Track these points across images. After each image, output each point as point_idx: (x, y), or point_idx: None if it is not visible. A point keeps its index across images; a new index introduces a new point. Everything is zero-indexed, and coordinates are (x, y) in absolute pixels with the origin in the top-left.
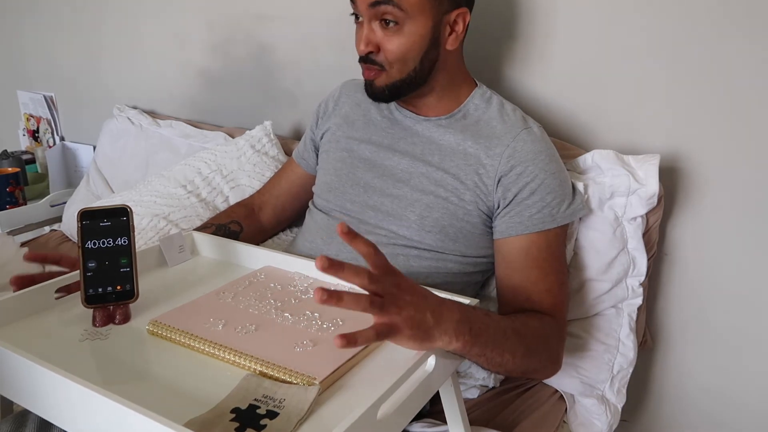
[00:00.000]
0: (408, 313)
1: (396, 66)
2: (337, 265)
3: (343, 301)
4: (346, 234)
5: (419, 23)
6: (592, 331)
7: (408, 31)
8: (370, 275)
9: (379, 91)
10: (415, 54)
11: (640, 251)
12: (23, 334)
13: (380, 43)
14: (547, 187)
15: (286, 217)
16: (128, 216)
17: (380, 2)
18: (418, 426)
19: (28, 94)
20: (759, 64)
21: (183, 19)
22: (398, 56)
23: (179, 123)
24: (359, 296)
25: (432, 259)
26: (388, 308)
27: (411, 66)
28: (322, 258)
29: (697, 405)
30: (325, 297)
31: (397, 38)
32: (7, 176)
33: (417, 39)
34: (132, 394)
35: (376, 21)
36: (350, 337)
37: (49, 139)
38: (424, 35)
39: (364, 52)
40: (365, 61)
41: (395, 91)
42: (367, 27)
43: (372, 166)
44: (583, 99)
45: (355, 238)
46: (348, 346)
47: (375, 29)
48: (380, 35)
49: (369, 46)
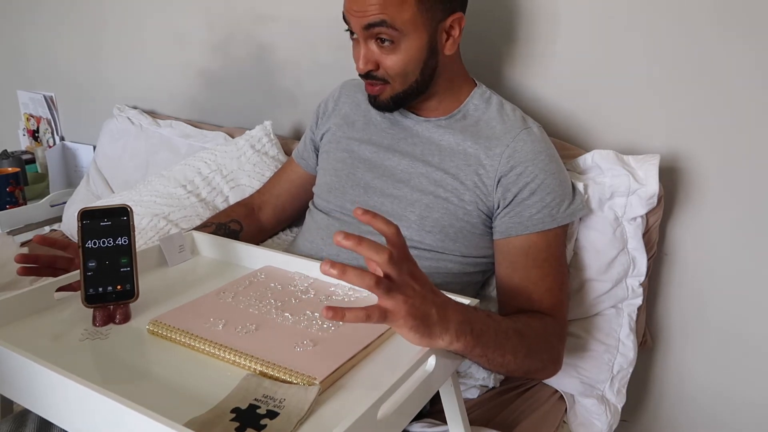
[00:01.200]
0: (414, 303)
1: (398, 80)
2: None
3: (347, 274)
4: (363, 215)
5: (414, 38)
6: (592, 331)
7: (405, 47)
8: (390, 254)
9: (384, 104)
10: (414, 67)
11: (640, 251)
12: (23, 334)
13: (378, 60)
14: (547, 187)
15: (286, 216)
16: (128, 216)
17: (373, 24)
18: (418, 426)
19: (28, 94)
20: (759, 64)
21: (183, 19)
22: (398, 71)
23: (179, 123)
24: (364, 272)
25: (432, 260)
26: (394, 293)
27: (412, 78)
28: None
29: (697, 405)
30: (328, 267)
31: (395, 55)
32: (7, 176)
33: (414, 53)
34: (132, 394)
35: (372, 40)
36: (338, 310)
37: (49, 139)
38: (421, 48)
39: (364, 71)
40: (367, 77)
41: (399, 102)
42: (364, 47)
43: (372, 166)
44: (583, 99)
45: (375, 217)
46: (335, 318)
47: (372, 48)
48: (377, 53)
49: (368, 65)
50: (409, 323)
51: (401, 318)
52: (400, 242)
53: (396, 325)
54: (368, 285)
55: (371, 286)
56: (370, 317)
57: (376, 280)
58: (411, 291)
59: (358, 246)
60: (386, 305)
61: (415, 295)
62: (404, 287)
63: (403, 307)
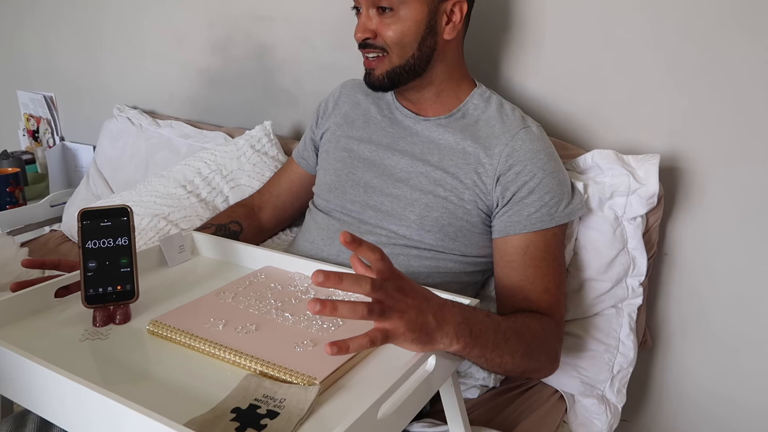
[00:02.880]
0: (410, 317)
1: (395, 51)
2: (334, 277)
3: (338, 310)
4: (350, 243)
5: (414, 8)
6: (592, 330)
7: (404, 15)
8: (372, 283)
9: (378, 79)
10: (411, 39)
11: (640, 251)
12: (23, 334)
13: (377, 29)
14: (546, 186)
15: (287, 216)
16: (128, 216)
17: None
18: (418, 426)
19: (28, 94)
20: (759, 63)
21: (183, 19)
22: (395, 40)
23: (179, 123)
24: (355, 304)
25: (432, 259)
26: (390, 314)
27: (409, 52)
28: (317, 273)
29: (696, 404)
30: (319, 308)
31: (393, 23)
32: (7, 176)
33: (412, 24)
34: (132, 394)
35: (373, 8)
36: (342, 345)
37: (49, 139)
38: (420, 21)
39: (362, 39)
40: (364, 46)
41: (394, 78)
42: (365, 14)
43: (371, 165)
44: (583, 99)
45: (360, 245)
46: (340, 353)
47: (372, 16)
48: (377, 21)
49: (366, 32)
50: (409, 337)
51: (401, 335)
52: (384, 266)
53: (398, 342)
54: (361, 316)
55: (364, 316)
56: (373, 342)
57: (368, 309)
58: (404, 306)
59: (340, 284)
60: (384, 326)
61: (409, 308)
62: (396, 305)
63: (400, 324)
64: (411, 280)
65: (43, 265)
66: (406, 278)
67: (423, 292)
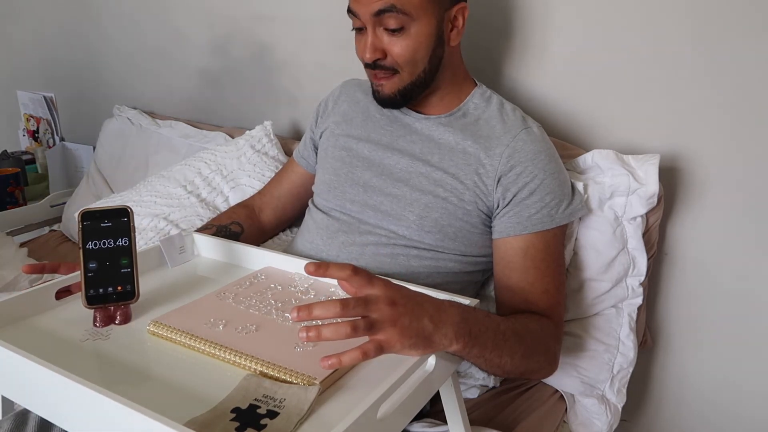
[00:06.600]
0: (403, 324)
1: (407, 68)
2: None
3: (322, 335)
4: (315, 272)
5: (424, 23)
6: (592, 330)
7: (414, 32)
8: (342, 304)
9: (390, 97)
10: (423, 54)
11: (640, 251)
12: (24, 335)
13: (386, 48)
14: (547, 187)
15: (288, 217)
16: (129, 217)
17: (383, 10)
18: (418, 426)
19: (28, 94)
20: (759, 63)
21: (183, 19)
22: (407, 59)
23: (179, 123)
24: (339, 325)
25: (432, 259)
26: (380, 325)
27: (421, 67)
28: (292, 310)
29: (696, 404)
30: (305, 335)
31: (404, 41)
32: (7, 176)
33: (423, 39)
34: (132, 394)
35: (380, 28)
36: (335, 359)
37: (49, 140)
38: (430, 34)
39: (372, 60)
40: (373, 67)
41: (407, 95)
42: (372, 35)
43: (371, 164)
44: (583, 99)
45: (327, 269)
46: (333, 367)
47: (380, 35)
48: (386, 40)
49: (376, 53)
50: (406, 344)
51: (397, 343)
52: (360, 280)
53: (395, 350)
54: (346, 335)
55: (349, 335)
56: (366, 355)
57: (352, 327)
58: (395, 314)
59: (310, 316)
60: (377, 338)
61: (401, 316)
62: (385, 315)
63: (393, 333)
64: (401, 285)
65: (44, 269)
66: (393, 284)
67: (415, 297)
